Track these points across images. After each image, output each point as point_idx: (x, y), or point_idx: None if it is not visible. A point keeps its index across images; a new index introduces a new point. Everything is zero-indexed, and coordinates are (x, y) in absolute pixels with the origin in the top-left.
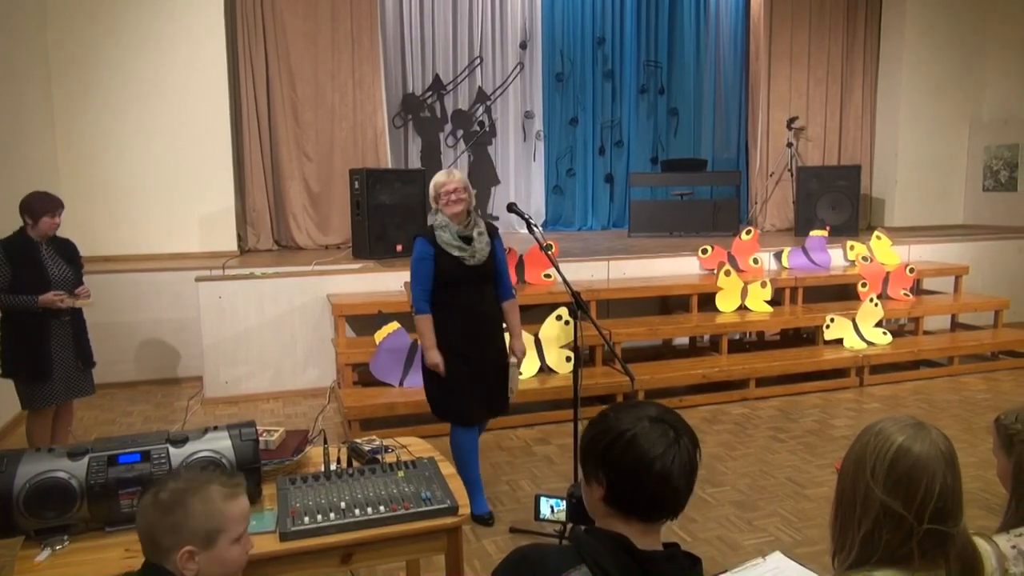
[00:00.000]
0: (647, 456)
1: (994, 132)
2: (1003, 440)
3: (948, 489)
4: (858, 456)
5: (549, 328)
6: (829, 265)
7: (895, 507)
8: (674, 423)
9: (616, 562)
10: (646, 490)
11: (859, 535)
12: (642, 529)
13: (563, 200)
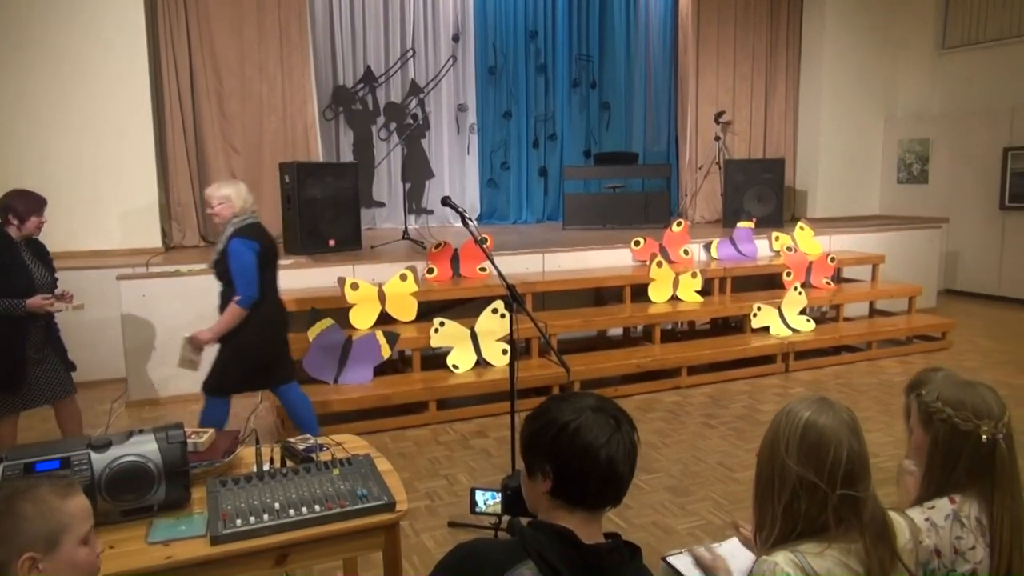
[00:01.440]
0: (593, 445)
1: (907, 127)
2: (922, 415)
3: (854, 454)
4: (772, 437)
5: (485, 321)
6: (756, 255)
7: (809, 476)
8: (614, 411)
9: (562, 556)
10: (594, 479)
11: (779, 509)
12: (586, 519)
13: (498, 193)
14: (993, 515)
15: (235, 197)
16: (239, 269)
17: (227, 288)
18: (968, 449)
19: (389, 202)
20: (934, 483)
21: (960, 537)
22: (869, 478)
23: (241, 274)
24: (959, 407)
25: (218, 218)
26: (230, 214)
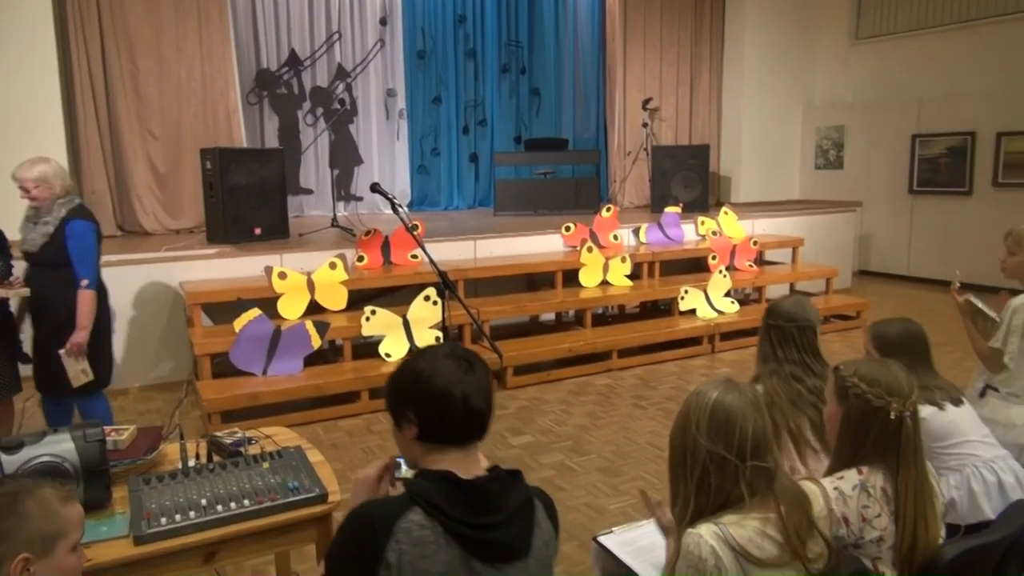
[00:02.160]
0: (448, 385)
1: (824, 114)
2: (838, 388)
3: (759, 428)
4: (683, 418)
5: (417, 309)
6: (682, 240)
7: (719, 451)
8: (466, 356)
9: (445, 496)
10: (454, 416)
11: (692, 485)
12: (461, 456)
13: (428, 180)
14: (899, 488)
15: (53, 176)
16: (83, 251)
17: (52, 272)
18: (878, 424)
19: (317, 189)
20: (844, 454)
21: (867, 506)
22: (774, 451)
23: (86, 256)
24: (874, 384)
25: (38, 202)
26: (50, 195)
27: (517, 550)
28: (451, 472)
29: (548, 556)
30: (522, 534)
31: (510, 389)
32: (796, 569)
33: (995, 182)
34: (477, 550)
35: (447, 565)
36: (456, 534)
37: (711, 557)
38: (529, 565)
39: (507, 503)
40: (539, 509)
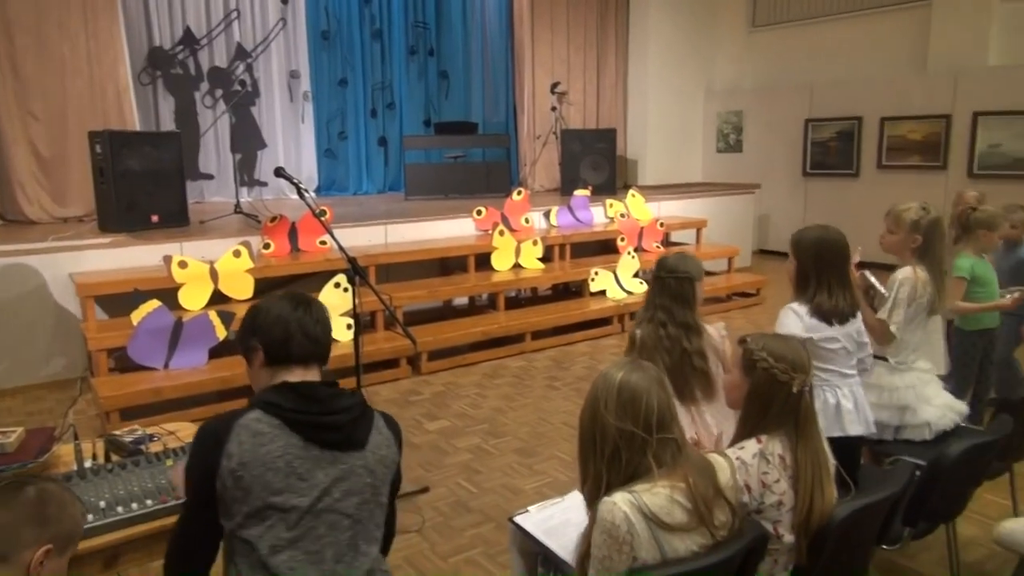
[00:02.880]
0: (284, 313)
1: (724, 100)
2: (746, 361)
3: (664, 402)
4: (591, 399)
5: (327, 296)
6: (592, 222)
7: (627, 427)
8: (303, 296)
9: (280, 396)
10: (293, 338)
11: (603, 463)
12: (303, 373)
13: (336, 164)
14: (798, 457)
15: None
16: None
17: None
18: (781, 397)
19: (218, 174)
20: (749, 424)
21: (766, 472)
22: (678, 424)
23: None
24: (780, 359)
25: None
26: None
27: (352, 440)
28: (284, 380)
29: (388, 456)
30: (356, 428)
31: (424, 375)
32: (703, 535)
33: (879, 164)
34: (313, 434)
35: (285, 449)
36: (292, 422)
37: (624, 523)
38: (366, 457)
39: (337, 403)
40: (378, 418)
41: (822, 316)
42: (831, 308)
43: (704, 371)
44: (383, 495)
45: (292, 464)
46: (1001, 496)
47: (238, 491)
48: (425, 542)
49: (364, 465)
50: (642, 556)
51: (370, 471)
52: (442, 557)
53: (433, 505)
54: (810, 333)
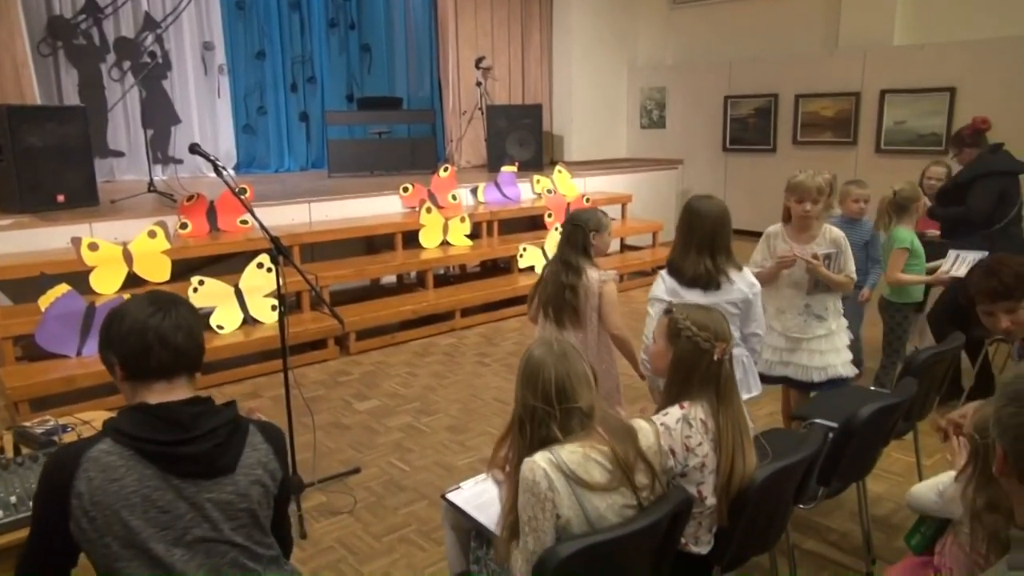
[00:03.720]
0: (140, 320)
1: (647, 76)
2: (671, 330)
3: (561, 374)
4: (516, 378)
5: (250, 277)
6: (519, 198)
7: (529, 401)
8: (168, 298)
9: (134, 421)
10: (150, 350)
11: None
12: (166, 388)
13: (255, 140)
14: (719, 422)
15: None
16: None
17: None
18: (703, 364)
19: (129, 151)
20: (673, 390)
21: (689, 436)
22: (586, 392)
23: None
24: (703, 328)
25: None
26: None
27: (218, 467)
28: (143, 401)
29: (265, 475)
30: (223, 452)
31: (353, 354)
32: (624, 495)
33: (795, 140)
34: (170, 466)
35: (140, 483)
36: (147, 453)
37: (544, 480)
38: (237, 482)
39: (203, 423)
40: (255, 434)
41: (685, 281)
42: (693, 274)
43: (573, 305)
44: (263, 515)
45: (151, 498)
46: (907, 454)
47: (94, 532)
48: (358, 523)
49: (235, 491)
50: (564, 513)
51: (242, 495)
52: (375, 537)
53: (365, 485)
54: (670, 296)
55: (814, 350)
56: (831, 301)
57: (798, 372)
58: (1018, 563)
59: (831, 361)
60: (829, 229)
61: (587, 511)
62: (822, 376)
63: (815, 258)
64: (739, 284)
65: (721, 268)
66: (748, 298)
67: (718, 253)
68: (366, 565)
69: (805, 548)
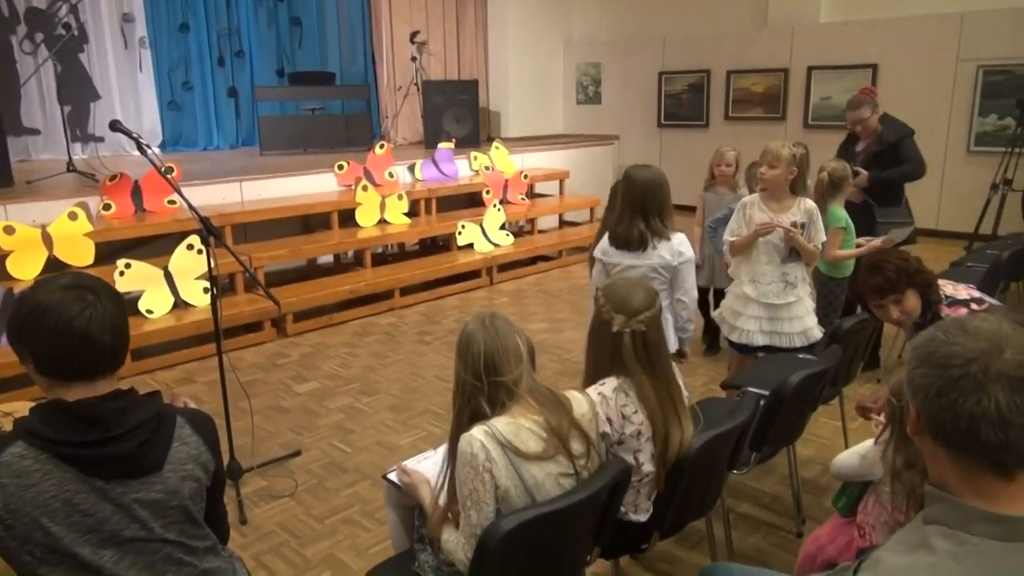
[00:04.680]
0: (63, 319)
1: (582, 52)
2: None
3: (490, 347)
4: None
5: (180, 259)
6: (457, 175)
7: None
8: (92, 287)
9: (49, 422)
10: (72, 350)
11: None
12: (87, 387)
13: (182, 117)
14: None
15: None
16: None
17: None
18: (607, 336)
19: (45, 129)
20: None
21: (625, 404)
22: (515, 366)
23: None
24: (608, 299)
25: None
26: None
27: (143, 465)
28: (58, 399)
29: (196, 469)
30: (149, 450)
31: (291, 336)
32: (560, 464)
33: (727, 116)
34: (91, 468)
35: (60, 487)
36: (64, 456)
37: (481, 452)
38: (165, 480)
39: (125, 420)
40: (183, 426)
41: (616, 242)
42: (625, 236)
43: None
44: (196, 508)
45: (72, 502)
46: (833, 419)
47: (13, 541)
48: (299, 506)
49: (164, 489)
50: (503, 483)
51: (172, 492)
52: (318, 519)
53: (307, 468)
54: (603, 256)
55: (793, 317)
56: (800, 269)
57: (781, 340)
58: (932, 517)
59: (809, 324)
60: (803, 200)
61: (525, 480)
62: (803, 341)
63: (793, 227)
64: (663, 251)
65: (655, 231)
66: (672, 265)
67: (651, 217)
68: (308, 548)
69: (740, 511)
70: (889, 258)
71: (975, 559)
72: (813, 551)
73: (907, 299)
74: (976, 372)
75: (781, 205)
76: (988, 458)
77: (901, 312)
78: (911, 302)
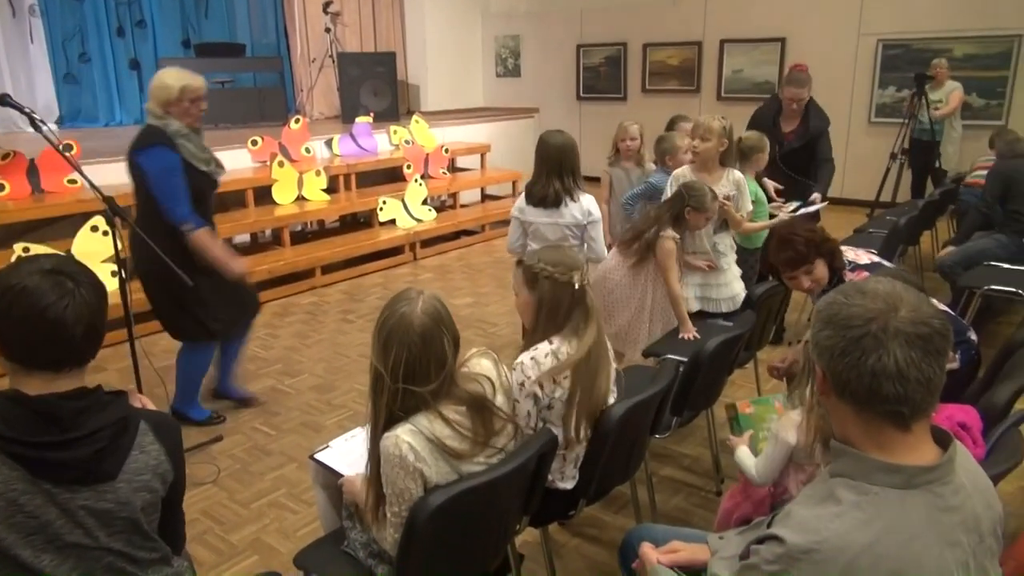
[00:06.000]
0: (37, 306)
1: (501, 24)
2: (527, 277)
3: (412, 358)
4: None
5: (85, 242)
6: (377, 150)
7: (377, 367)
8: (73, 274)
9: (3, 417)
10: (41, 339)
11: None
12: (49, 379)
13: (80, 91)
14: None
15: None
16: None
17: None
18: (567, 297)
19: None
20: (539, 332)
21: (556, 369)
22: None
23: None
24: (556, 264)
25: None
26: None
27: (96, 474)
28: (16, 391)
29: (153, 480)
30: (104, 458)
31: None
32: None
33: (644, 88)
34: (40, 471)
35: (5, 486)
36: (13, 455)
37: (410, 453)
38: (117, 490)
39: (84, 422)
40: (145, 433)
41: (533, 201)
42: (541, 194)
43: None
44: (148, 520)
45: (17, 502)
46: (748, 381)
47: None
48: (223, 492)
49: (115, 499)
50: (435, 479)
51: (123, 504)
52: (243, 504)
53: (229, 453)
54: (520, 214)
55: (722, 283)
56: (729, 238)
57: (712, 305)
58: (837, 470)
59: (736, 290)
60: (731, 171)
61: (461, 474)
62: (731, 306)
63: (726, 199)
64: (574, 210)
65: (567, 190)
66: (582, 223)
67: (565, 175)
68: (234, 533)
69: (662, 475)
70: (797, 231)
71: (876, 507)
72: (730, 508)
73: (817, 268)
74: (875, 331)
75: (712, 176)
76: (888, 411)
77: (812, 281)
78: (820, 270)
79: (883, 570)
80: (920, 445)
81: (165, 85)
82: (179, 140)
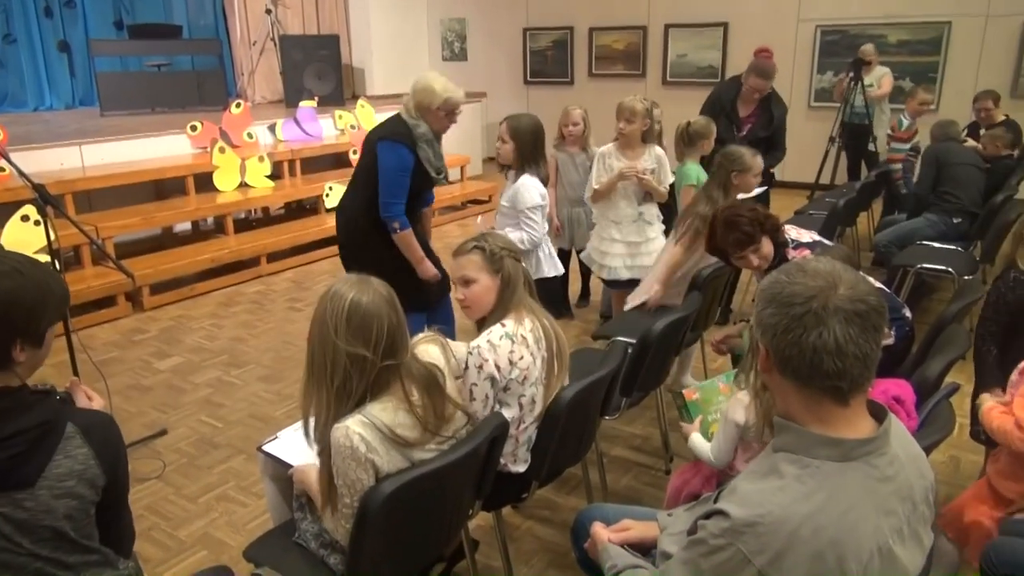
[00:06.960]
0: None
1: (446, 6)
2: (489, 263)
3: (394, 325)
4: (320, 322)
5: (14, 232)
6: (322, 135)
7: (360, 352)
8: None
9: None
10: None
11: (333, 391)
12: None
13: (5, 74)
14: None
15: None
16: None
17: None
18: (522, 275)
19: None
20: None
21: (512, 351)
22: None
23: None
24: (508, 245)
25: None
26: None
27: (9, 480)
28: None
29: (75, 488)
30: (19, 463)
31: (148, 311)
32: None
33: (590, 73)
34: None
35: None
36: None
37: (362, 444)
38: (36, 496)
39: (5, 428)
40: (72, 437)
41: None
42: (544, 178)
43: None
44: (75, 526)
45: None
46: (696, 361)
47: None
48: (169, 487)
49: (34, 507)
50: (387, 469)
51: (44, 511)
52: (190, 499)
53: (174, 447)
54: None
55: (651, 252)
56: (654, 208)
57: (643, 273)
58: (779, 445)
59: None
60: (652, 147)
61: (410, 459)
62: None
63: (645, 173)
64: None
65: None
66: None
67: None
68: (181, 529)
69: (613, 455)
70: (740, 212)
71: (816, 479)
72: (679, 485)
73: (763, 246)
74: (816, 308)
75: (635, 152)
76: (828, 386)
77: (760, 258)
78: (767, 247)
79: (823, 539)
80: (857, 419)
81: (431, 90)
82: (422, 143)
